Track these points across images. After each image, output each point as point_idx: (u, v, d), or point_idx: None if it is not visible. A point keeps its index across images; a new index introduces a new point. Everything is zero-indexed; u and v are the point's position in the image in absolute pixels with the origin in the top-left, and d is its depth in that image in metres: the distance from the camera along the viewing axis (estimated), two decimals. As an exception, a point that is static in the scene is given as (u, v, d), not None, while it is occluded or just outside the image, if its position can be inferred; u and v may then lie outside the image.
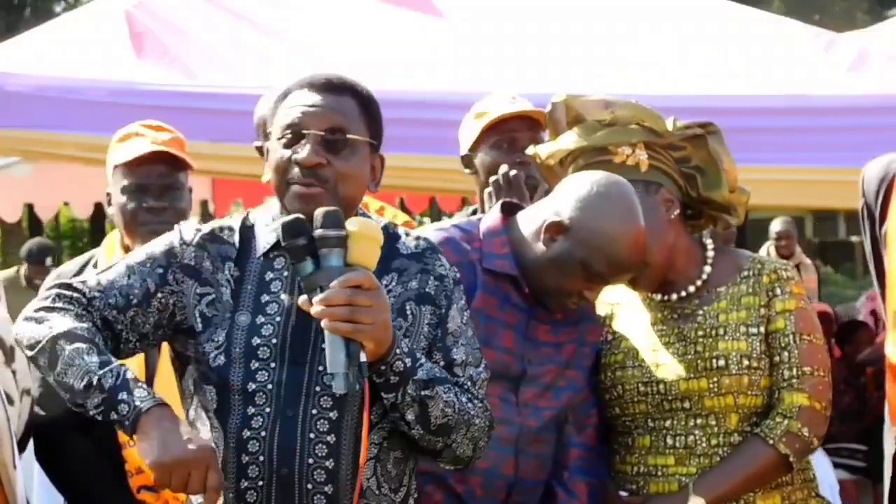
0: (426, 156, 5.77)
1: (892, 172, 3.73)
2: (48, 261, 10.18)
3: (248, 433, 2.99)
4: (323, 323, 2.88)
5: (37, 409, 4.02)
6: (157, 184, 4.13)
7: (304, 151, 3.03)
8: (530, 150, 3.76)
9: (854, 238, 23.80)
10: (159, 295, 3.06)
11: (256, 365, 3.01)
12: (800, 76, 6.52)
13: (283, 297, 3.05)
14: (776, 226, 11.47)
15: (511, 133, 4.28)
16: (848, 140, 6.04)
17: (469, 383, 3.11)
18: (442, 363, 3.09)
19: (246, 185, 6.30)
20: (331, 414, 3.01)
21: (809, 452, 3.59)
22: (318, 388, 3.02)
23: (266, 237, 3.10)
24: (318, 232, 2.91)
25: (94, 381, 2.90)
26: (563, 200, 3.49)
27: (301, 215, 2.96)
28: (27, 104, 5.85)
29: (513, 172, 4.15)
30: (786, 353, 3.57)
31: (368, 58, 6.35)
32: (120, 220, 4.16)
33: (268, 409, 3.00)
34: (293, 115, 3.05)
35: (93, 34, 6.33)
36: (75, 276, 4.16)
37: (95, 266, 4.19)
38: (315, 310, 2.88)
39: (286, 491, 2.99)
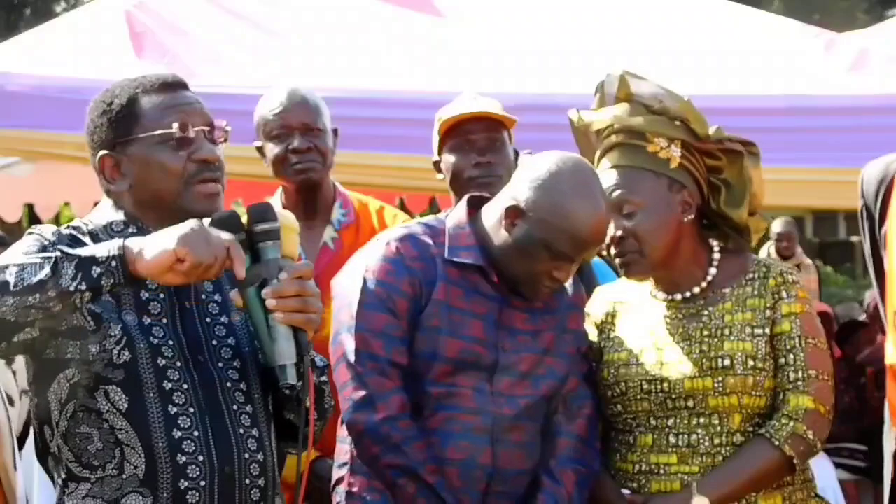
0: (426, 156, 5.75)
1: (892, 173, 3.72)
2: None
3: (180, 433, 2.96)
4: (277, 315, 2.90)
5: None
6: None
7: (205, 148, 3.02)
8: (571, 114, 3.75)
9: (854, 238, 23.78)
10: (73, 311, 2.91)
11: (164, 363, 2.98)
12: (800, 76, 6.52)
13: (162, 295, 3.02)
14: (777, 226, 11.45)
15: (466, 135, 4.25)
16: (848, 140, 6.04)
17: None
18: None
19: (246, 184, 6.28)
20: (247, 408, 3.05)
21: (812, 455, 3.60)
22: (228, 385, 3.04)
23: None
24: (261, 226, 2.93)
25: (54, 258, 2.80)
26: (519, 184, 3.53)
27: (235, 211, 2.97)
28: (27, 104, 5.85)
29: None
30: (791, 356, 3.57)
31: (368, 58, 6.36)
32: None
33: (192, 409, 2.98)
34: (174, 117, 3.02)
35: (93, 34, 6.33)
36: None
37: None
38: (270, 302, 2.90)
39: (228, 488, 2.99)
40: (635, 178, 3.58)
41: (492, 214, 3.58)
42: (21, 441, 3.87)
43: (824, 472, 6.24)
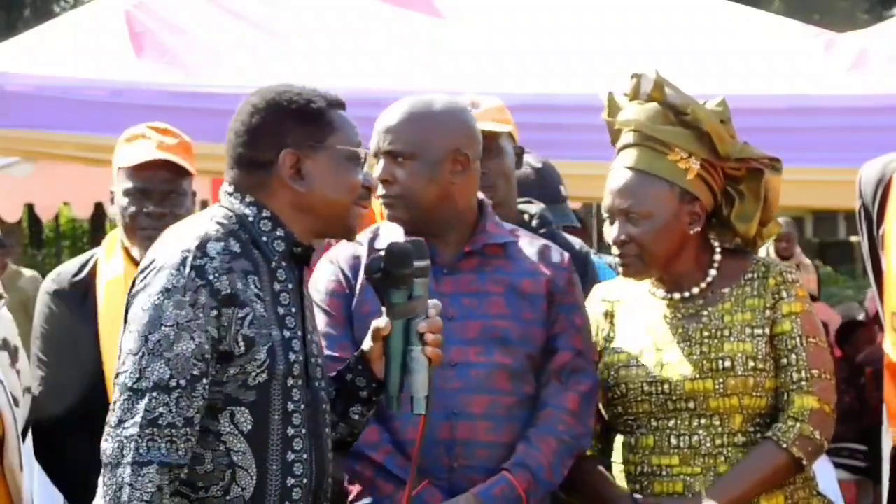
0: (426, 156, 5.77)
1: (890, 174, 3.73)
2: None
3: (293, 456, 2.97)
4: (427, 349, 3.05)
5: (37, 408, 4.02)
6: (159, 189, 4.13)
7: (366, 175, 3.19)
8: (602, 93, 3.74)
9: (854, 238, 23.78)
10: (225, 335, 2.93)
11: (291, 382, 2.99)
12: (800, 76, 6.52)
13: (294, 309, 3.02)
14: (776, 226, 11.43)
15: None
16: (848, 140, 6.04)
17: None
18: None
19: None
20: (328, 430, 3.10)
21: (820, 454, 3.60)
22: (324, 406, 3.08)
23: (272, 247, 3.03)
24: (421, 263, 3.07)
25: None
26: None
27: (408, 244, 3.09)
28: (27, 104, 5.86)
29: None
30: (793, 356, 3.57)
31: (368, 58, 6.36)
32: (120, 222, 4.17)
33: (304, 430, 3.00)
34: (359, 138, 3.13)
35: (93, 34, 6.33)
36: (75, 276, 4.17)
37: (94, 266, 4.18)
38: (428, 337, 3.05)
39: None
40: (648, 186, 3.57)
41: None
42: (20, 436, 3.86)
43: (824, 473, 6.23)
